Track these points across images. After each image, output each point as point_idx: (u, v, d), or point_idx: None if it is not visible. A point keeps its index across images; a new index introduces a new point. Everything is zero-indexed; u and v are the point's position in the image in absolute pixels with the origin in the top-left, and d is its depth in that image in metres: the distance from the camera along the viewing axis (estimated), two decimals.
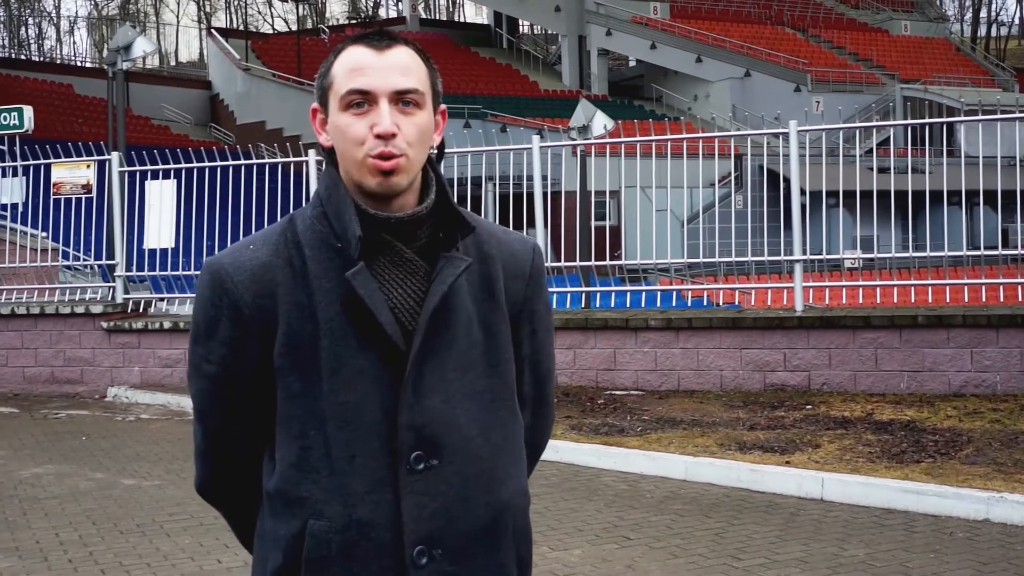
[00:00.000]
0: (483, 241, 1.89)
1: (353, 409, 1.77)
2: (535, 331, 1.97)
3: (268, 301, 1.80)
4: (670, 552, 5.58)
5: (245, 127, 41.34)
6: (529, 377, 1.98)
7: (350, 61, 1.80)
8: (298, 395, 1.80)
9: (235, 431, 1.90)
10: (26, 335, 11.83)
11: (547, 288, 2.02)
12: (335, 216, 1.80)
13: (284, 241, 1.83)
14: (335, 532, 1.76)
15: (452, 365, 1.81)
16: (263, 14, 71.95)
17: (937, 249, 10.38)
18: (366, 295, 1.76)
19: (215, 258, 1.86)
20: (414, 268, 1.81)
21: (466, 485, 1.81)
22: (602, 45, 45.51)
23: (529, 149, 11.05)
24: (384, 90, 1.77)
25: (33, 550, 5.83)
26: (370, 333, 1.77)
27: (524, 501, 1.92)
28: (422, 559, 1.77)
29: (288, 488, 1.80)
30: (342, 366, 1.77)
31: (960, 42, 54.81)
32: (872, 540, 5.70)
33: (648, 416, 8.68)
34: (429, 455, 1.78)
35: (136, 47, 17.44)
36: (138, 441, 8.97)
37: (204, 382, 1.88)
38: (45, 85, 40.88)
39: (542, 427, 2.06)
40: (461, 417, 1.81)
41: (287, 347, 1.79)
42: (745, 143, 27.86)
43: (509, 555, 1.87)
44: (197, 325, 1.87)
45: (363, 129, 1.77)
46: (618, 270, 11.87)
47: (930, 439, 7.47)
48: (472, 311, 1.85)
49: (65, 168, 12.72)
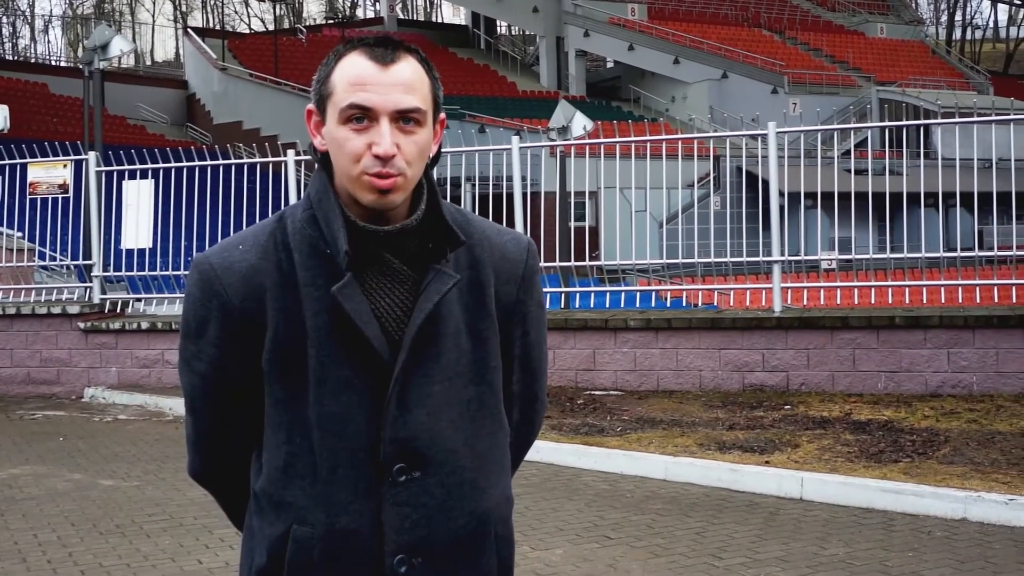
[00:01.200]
0: (475, 244, 1.87)
1: (338, 420, 1.77)
2: (526, 332, 1.96)
3: (256, 305, 1.79)
4: (651, 551, 5.60)
5: (222, 127, 41.20)
6: (519, 376, 1.97)
7: (352, 73, 1.76)
8: (284, 401, 1.80)
9: (226, 425, 1.90)
10: (2, 336, 11.74)
11: (541, 287, 2.00)
12: (325, 223, 1.79)
13: (273, 243, 1.82)
14: (318, 540, 1.78)
15: (438, 377, 1.81)
16: (240, 13, 71.74)
17: (914, 250, 10.45)
18: (352, 310, 1.75)
19: (204, 257, 1.84)
20: (403, 278, 1.80)
21: (449, 495, 1.81)
22: (580, 46, 45.59)
23: (509, 150, 11.05)
24: (385, 109, 1.74)
25: (11, 551, 5.79)
26: (356, 346, 1.77)
27: (507, 508, 1.93)
28: (402, 567, 1.78)
29: (274, 491, 1.81)
30: (328, 376, 1.77)
31: (935, 45, 55.20)
32: (851, 539, 5.74)
33: (628, 416, 8.70)
34: (412, 467, 1.79)
35: (113, 46, 17.33)
36: (116, 442, 8.92)
37: (195, 378, 1.88)
38: (20, 84, 40.60)
39: (531, 422, 2.06)
40: (446, 430, 1.81)
41: (274, 354, 1.79)
42: (723, 144, 27.91)
43: (491, 561, 1.87)
44: (187, 323, 1.86)
45: (361, 146, 1.74)
46: (597, 270, 11.90)
47: (908, 439, 7.52)
48: (461, 319, 1.84)
49: (41, 168, 12.64)
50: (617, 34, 44.31)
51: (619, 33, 44.28)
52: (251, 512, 1.88)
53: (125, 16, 72.42)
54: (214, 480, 1.99)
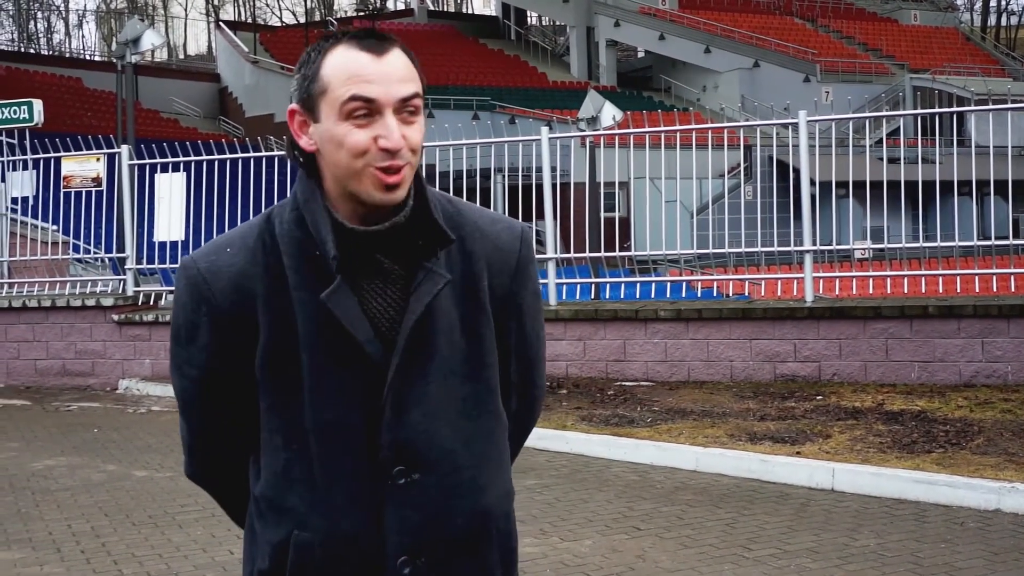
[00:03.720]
0: (466, 237, 1.84)
1: (333, 425, 1.76)
2: (522, 323, 1.93)
3: (246, 310, 1.77)
4: (680, 543, 5.58)
5: (254, 120, 41.41)
6: (516, 365, 1.95)
7: (347, 66, 1.71)
8: (278, 407, 1.79)
9: (219, 431, 1.89)
10: (37, 328, 11.87)
11: (536, 276, 1.96)
12: (312, 226, 1.76)
13: (262, 246, 1.79)
14: (319, 545, 1.77)
15: (433, 377, 1.79)
16: (271, 7, 71.96)
17: (947, 239, 10.34)
18: (342, 316, 1.73)
19: (191, 260, 1.81)
20: (394, 278, 1.78)
21: (449, 496, 1.80)
22: (610, 36, 45.45)
23: (538, 140, 11.03)
24: (389, 100, 1.71)
25: (46, 541, 5.86)
26: (348, 350, 1.75)
27: (508, 503, 1.92)
28: (405, 568, 1.77)
29: (274, 496, 1.81)
30: (321, 381, 1.76)
31: (970, 31, 54.59)
32: (883, 530, 5.70)
33: (658, 407, 8.68)
34: (411, 469, 1.77)
35: (145, 40, 17.48)
36: (149, 433, 9.00)
37: (187, 383, 1.86)
38: (54, 79, 40.94)
39: (530, 408, 2.04)
40: (443, 429, 1.80)
41: (266, 359, 1.77)
42: (754, 134, 27.78)
43: (492, 557, 1.87)
44: (177, 328, 1.83)
45: (365, 140, 1.70)
46: (627, 261, 11.87)
47: (941, 429, 7.45)
48: (454, 316, 1.81)
49: (75, 161, 12.75)
50: (648, 23, 44.15)
51: (650, 22, 44.12)
52: (252, 515, 1.87)
53: (158, 10, 72.86)
54: (210, 482, 1.99)
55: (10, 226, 13.62)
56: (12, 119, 16.00)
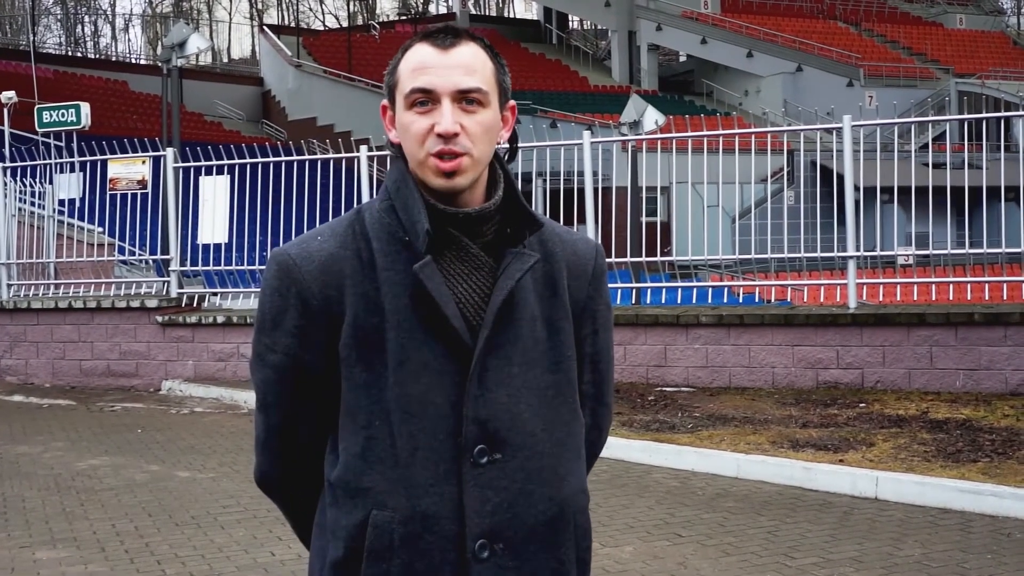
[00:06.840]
0: (547, 240, 1.89)
1: (418, 401, 1.78)
2: (596, 331, 1.97)
3: (335, 292, 1.80)
4: (722, 550, 5.55)
5: (296, 123, 41.63)
6: (589, 376, 1.98)
7: (415, 60, 1.80)
8: (363, 386, 1.80)
9: (298, 421, 1.90)
10: (83, 329, 12.00)
11: (608, 290, 2.02)
12: (403, 209, 1.81)
13: (352, 233, 1.84)
14: (398, 523, 1.77)
15: (516, 360, 1.81)
16: (314, 11, 72.40)
17: (993, 246, 10.21)
18: (433, 289, 1.76)
19: (282, 249, 1.86)
20: (480, 264, 1.82)
21: (529, 479, 1.81)
22: (652, 40, 45.29)
23: (580, 145, 11.03)
24: (446, 89, 1.77)
25: (90, 540, 5.92)
26: (436, 326, 1.78)
27: (584, 499, 1.92)
28: (483, 552, 1.77)
29: (352, 478, 1.81)
30: (408, 358, 1.78)
31: (1017, 36, 53.90)
32: (927, 540, 5.64)
33: (699, 413, 8.64)
34: (493, 449, 1.79)
35: (190, 44, 17.65)
36: (192, 434, 9.08)
37: (268, 371, 1.88)
38: (101, 82, 41.44)
39: (599, 428, 2.05)
40: (525, 412, 1.81)
41: (353, 338, 1.80)
42: (797, 138, 27.60)
43: (569, 552, 1.87)
44: (263, 315, 1.87)
45: (425, 127, 1.77)
46: (668, 266, 11.82)
47: (987, 438, 7.36)
48: (536, 309, 1.85)
49: (121, 164, 12.89)
50: (690, 27, 43.95)
51: (692, 27, 43.92)
52: (324, 507, 1.87)
53: (203, 14, 73.50)
54: (283, 484, 1.97)
55: (57, 228, 13.80)
56: (60, 122, 16.20)
